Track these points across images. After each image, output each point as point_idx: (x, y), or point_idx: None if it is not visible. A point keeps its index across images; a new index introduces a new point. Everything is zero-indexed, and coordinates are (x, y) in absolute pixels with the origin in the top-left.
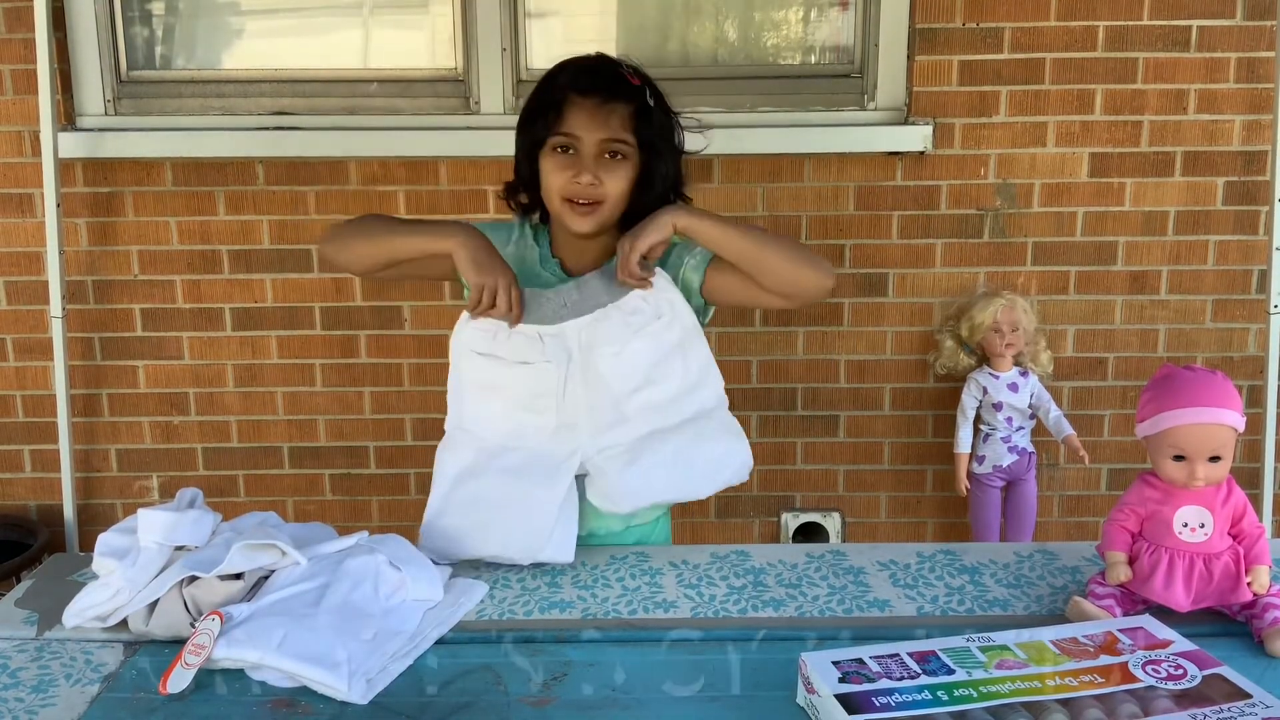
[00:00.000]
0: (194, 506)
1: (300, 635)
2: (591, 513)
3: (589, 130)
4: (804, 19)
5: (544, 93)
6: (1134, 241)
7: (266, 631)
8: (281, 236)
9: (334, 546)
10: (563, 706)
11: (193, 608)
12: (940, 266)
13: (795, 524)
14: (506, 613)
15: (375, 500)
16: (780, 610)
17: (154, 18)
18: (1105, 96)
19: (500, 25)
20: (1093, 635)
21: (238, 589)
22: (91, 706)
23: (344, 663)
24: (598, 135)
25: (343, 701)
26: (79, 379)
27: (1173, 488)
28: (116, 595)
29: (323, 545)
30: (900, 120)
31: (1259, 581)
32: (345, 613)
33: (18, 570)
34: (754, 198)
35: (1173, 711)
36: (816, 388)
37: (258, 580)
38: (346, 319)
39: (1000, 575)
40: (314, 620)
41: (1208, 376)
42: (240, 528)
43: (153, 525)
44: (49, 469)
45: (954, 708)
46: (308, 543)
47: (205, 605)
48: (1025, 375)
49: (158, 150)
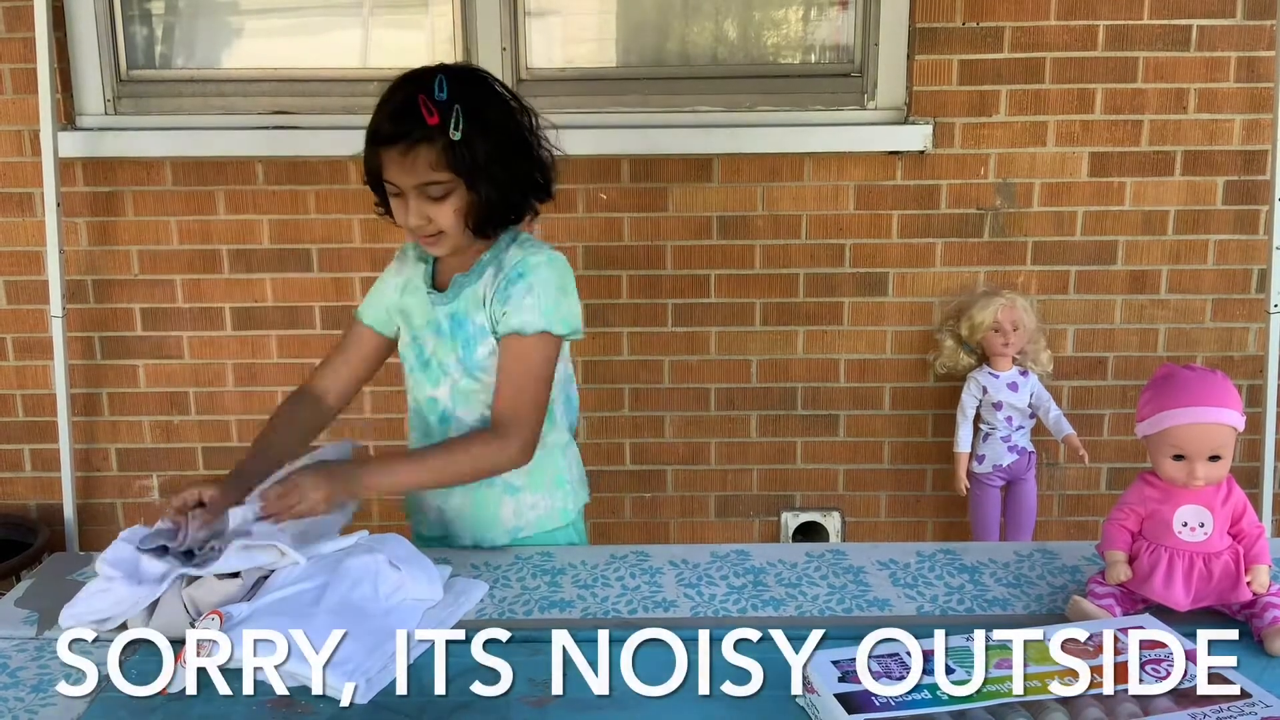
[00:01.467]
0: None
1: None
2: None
3: (401, 178)
4: (804, 18)
5: (368, 130)
6: (1134, 241)
7: (266, 631)
8: (281, 236)
9: (334, 546)
10: (563, 706)
11: (191, 608)
12: (940, 266)
13: (795, 523)
14: (506, 612)
15: (375, 500)
16: (780, 610)
17: (154, 17)
18: (1105, 96)
19: (500, 25)
20: (1093, 635)
21: (236, 588)
22: (91, 706)
23: (344, 663)
24: (410, 181)
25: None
26: (79, 378)
27: (1172, 487)
28: (116, 605)
29: (322, 545)
30: (900, 120)
31: (1258, 581)
32: (345, 612)
33: (18, 570)
34: (754, 197)
35: (1173, 711)
36: (816, 387)
37: (257, 580)
38: (346, 319)
39: (1000, 575)
40: (314, 620)
41: (1208, 376)
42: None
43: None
44: (49, 468)
45: (954, 708)
46: (309, 533)
47: (204, 605)
48: (1025, 375)
49: (158, 150)
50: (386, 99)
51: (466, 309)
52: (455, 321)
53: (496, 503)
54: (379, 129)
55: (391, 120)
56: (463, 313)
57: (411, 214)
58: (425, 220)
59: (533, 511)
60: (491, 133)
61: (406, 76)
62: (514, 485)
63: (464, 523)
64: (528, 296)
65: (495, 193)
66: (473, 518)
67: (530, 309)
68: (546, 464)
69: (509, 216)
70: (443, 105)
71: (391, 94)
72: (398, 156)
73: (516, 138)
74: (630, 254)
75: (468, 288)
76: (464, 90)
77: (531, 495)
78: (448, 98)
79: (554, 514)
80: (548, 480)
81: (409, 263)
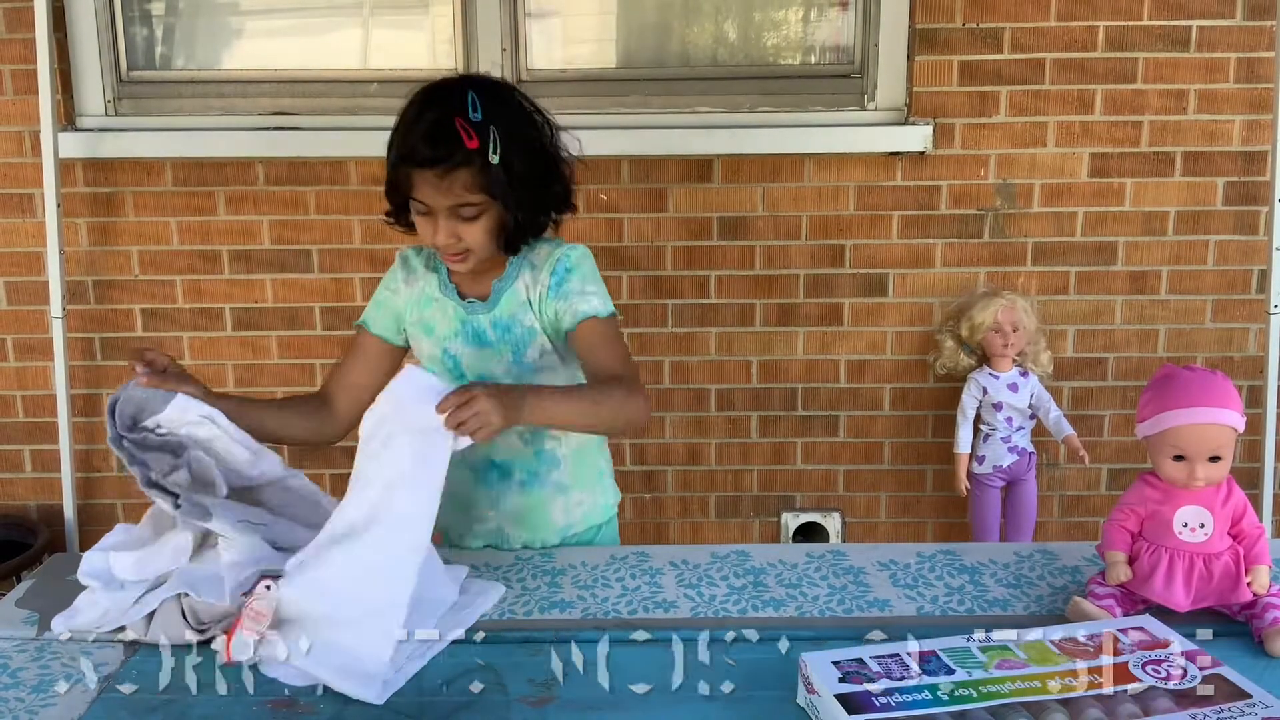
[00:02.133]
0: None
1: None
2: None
3: (434, 199)
4: (804, 19)
5: (394, 150)
6: (1134, 241)
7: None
8: (281, 237)
9: None
10: (563, 706)
11: (191, 618)
12: (940, 266)
13: (795, 524)
14: (506, 613)
15: None
16: (780, 610)
17: (154, 18)
18: (1105, 97)
19: (500, 25)
20: (1093, 635)
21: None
22: (91, 706)
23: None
24: (444, 202)
25: (344, 701)
26: (79, 379)
27: (1173, 488)
28: (106, 615)
29: None
30: (900, 120)
31: (1259, 581)
32: None
33: (18, 570)
34: (754, 198)
35: (1173, 711)
36: (816, 388)
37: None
38: (347, 319)
39: (1000, 575)
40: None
41: (1208, 376)
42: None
43: (125, 567)
44: (49, 469)
45: (954, 708)
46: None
47: (204, 615)
48: (1025, 375)
49: (158, 150)
50: (415, 118)
51: (511, 311)
52: (502, 327)
53: (549, 503)
54: (414, 151)
55: (429, 143)
56: (508, 316)
57: (441, 233)
58: (455, 239)
59: (579, 509)
60: (524, 154)
61: (432, 94)
62: (563, 484)
63: (519, 526)
64: (587, 285)
65: (526, 213)
66: (527, 521)
67: (593, 295)
68: (588, 460)
69: (535, 233)
70: (479, 127)
71: (420, 113)
72: (434, 179)
73: (546, 155)
74: (630, 254)
75: (505, 292)
76: (497, 109)
77: (578, 493)
78: (483, 118)
79: (597, 510)
80: (591, 476)
81: (418, 273)
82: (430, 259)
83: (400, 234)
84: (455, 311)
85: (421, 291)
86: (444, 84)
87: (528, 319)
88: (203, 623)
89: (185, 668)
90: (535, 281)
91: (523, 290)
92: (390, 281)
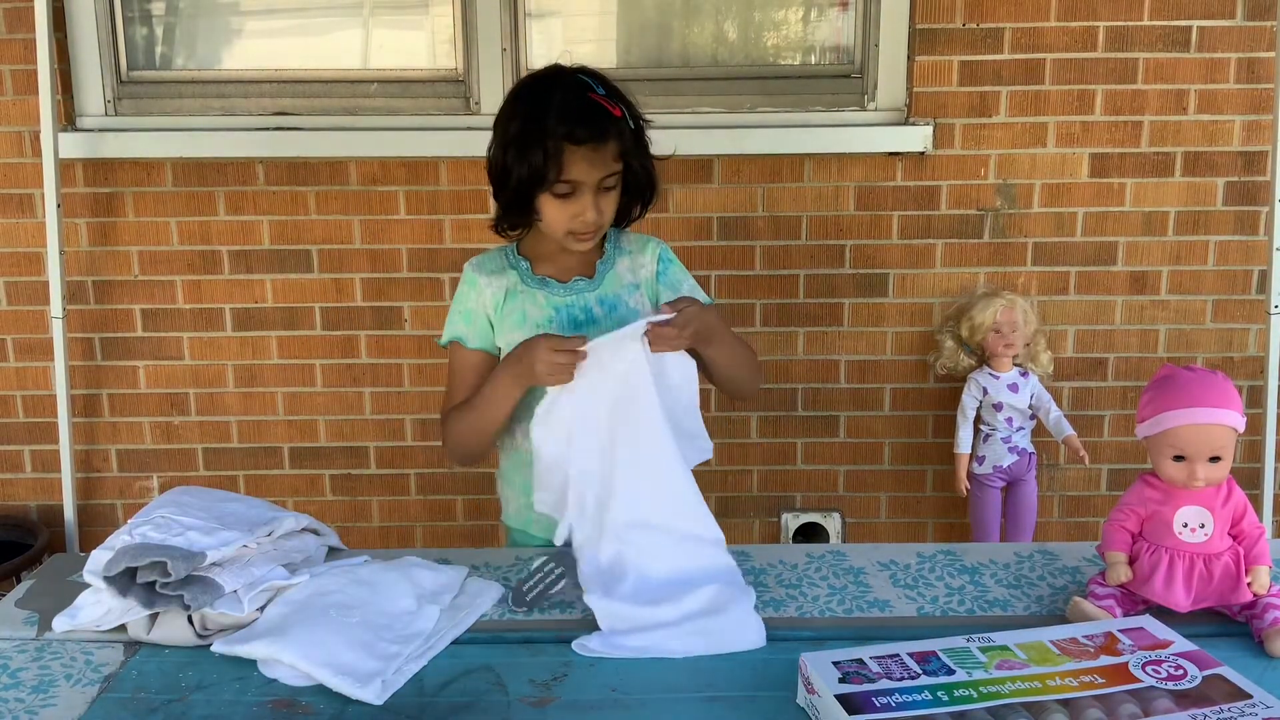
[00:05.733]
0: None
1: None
2: None
3: (589, 174)
4: (804, 19)
5: (534, 138)
6: (1134, 242)
7: (294, 630)
8: (281, 237)
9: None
10: (563, 706)
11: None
12: (940, 267)
13: (795, 524)
14: (506, 613)
15: (375, 500)
16: (780, 610)
17: (154, 18)
18: (1105, 97)
19: (500, 25)
20: (1093, 635)
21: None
22: (91, 706)
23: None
24: (597, 175)
25: (343, 701)
26: (79, 379)
27: (1173, 488)
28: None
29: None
30: (900, 120)
31: (1259, 582)
32: (375, 619)
33: (18, 570)
34: (754, 198)
35: (1173, 712)
36: (817, 388)
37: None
38: (347, 319)
39: (1000, 575)
40: (345, 628)
41: (1208, 377)
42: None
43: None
44: (49, 469)
45: (954, 708)
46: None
47: (212, 621)
48: (1025, 375)
49: (158, 150)
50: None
51: (615, 291)
52: (608, 304)
53: None
54: (573, 132)
55: (581, 122)
56: (614, 295)
57: (591, 208)
58: (600, 214)
59: None
60: (640, 122)
61: (545, 84)
62: None
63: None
64: (686, 276)
65: (643, 171)
66: None
67: (694, 285)
68: None
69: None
70: (609, 99)
71: (550, 99)
72: (589, 153)
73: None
74: None
75: (609, 272)
76: (607, 85)
77: None
78: (605, 93)
79: None
80: None
81: (496, 273)
82: (503, 259)
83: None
84: (547, 299)
85: (504, 287)
86: (544, 75)
87: (632, 299)
88: (208, 629)
89: (185, 668)
90: (637, 265)
91: (625, 273)
92: (468, 291)
